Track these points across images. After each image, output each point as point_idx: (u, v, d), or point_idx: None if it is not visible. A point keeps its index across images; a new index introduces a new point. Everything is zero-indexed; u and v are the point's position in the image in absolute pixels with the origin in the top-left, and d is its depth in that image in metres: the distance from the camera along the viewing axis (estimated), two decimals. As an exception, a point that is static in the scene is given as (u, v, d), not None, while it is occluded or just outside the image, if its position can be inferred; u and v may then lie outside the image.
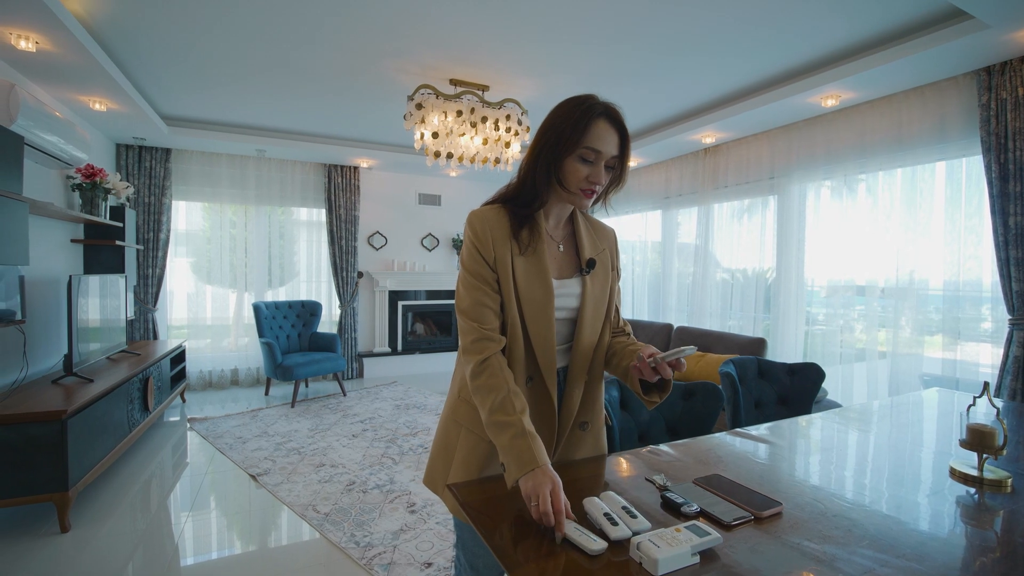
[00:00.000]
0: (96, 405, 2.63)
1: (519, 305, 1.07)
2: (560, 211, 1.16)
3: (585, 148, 1.03)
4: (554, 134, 1.04)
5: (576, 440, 1.19)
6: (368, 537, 2.33)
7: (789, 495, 1.06)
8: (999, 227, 2.69)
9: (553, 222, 1.16)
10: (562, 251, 1.16)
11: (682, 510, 0.96)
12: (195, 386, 5.13)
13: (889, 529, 0.93)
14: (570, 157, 1.04)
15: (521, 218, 1.09)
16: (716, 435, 1.45)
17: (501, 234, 1.07)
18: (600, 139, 1.03)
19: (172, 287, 5.14)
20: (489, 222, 1.08)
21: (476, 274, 1.07)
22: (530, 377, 1.11)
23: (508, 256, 1.06)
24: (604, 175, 1.07)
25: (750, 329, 4.40)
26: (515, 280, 1.06)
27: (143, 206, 4.70)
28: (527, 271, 1.07)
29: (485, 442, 1.09)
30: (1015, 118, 2.62)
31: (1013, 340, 2.65)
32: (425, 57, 3.10)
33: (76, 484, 2.38)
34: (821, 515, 0.98)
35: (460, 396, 1.17)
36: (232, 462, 3.24)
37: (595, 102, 1.04)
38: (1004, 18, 2.23)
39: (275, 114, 4.22)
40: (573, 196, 1.08)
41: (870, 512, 1.00)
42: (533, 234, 1.09)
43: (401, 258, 6.07)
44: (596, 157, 1.04)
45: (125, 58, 3.09)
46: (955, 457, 1.29)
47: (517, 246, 1.07)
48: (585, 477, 1.14)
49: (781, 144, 4.03)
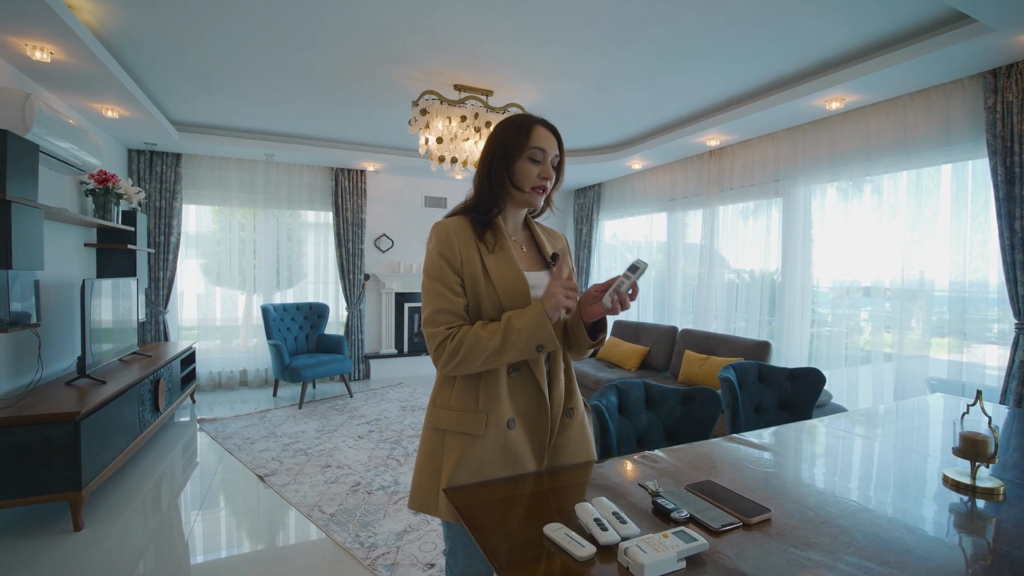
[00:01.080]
0: (108, 406, 2.69)
1: (498, 297, 1.13)
2: (516, 216, 1.26)
3: (532, 148, 1.16)
4: (500, 145, 1.17)
5: (564, 428, 1.22)
6: (372, 538, 2.37)
7: (780, 501, 1.08)
8: (1005, 231, 2.67)
9: (512, 227, 1.26)
10: (525, 251, 1.26)
11: (672, 516, 0.98)
12: (205, 387, 5.21)
13: (876, 536, 0.94)
14: (520, 160, 1.16)
15: (483, 223, 1.18)
16: (712, 441, 1.47)
17: (466, 238, 1.15)
18: (543, 140, 1.17)
19: (182, 289, 5.23)
20: (453, 228, 1.16)
21: (438, 278, 1.13)
22: (515, 367, 1.15)
23: (476, 256, 1.14)
24: (552, 172, 1.18)
25: (755, 331, 4.39)
26: (489, 275, 1.13)
27: (154, 210, 4.79)
28: (499, 265, 1.15)
29: (476, 439, 1.11)
30: (1021, 121, 2.60)
31: (1019, 344, 2.63)
32: (429, 62, 3.14)
33: (89, 484, 2.44)
34: (809, 522, 1.00)
35: (436, 403, 1.19)
36: (240, 462, 3.30)
37: (530, 115, 1.20)
38: (1007, 21, 2.22)
39: (283, 119, 4.29)
40: (527, 196, 1.18)
41: (859, 519, 1.01)
42: (497, 235, 1.19)
43: (407, 260, 6.12)
44: (543, 156, 1.16)
45: (136, 66, 3.17)
46: (951, 465, 1.29)
47: (484, 247, 1.16)
48: (577, 483, 1.16)
49: (786, 146, 4.02)
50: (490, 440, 1.12)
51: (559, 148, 1.20)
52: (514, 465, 1.14)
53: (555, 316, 1.06)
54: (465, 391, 1.15)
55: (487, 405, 1.12)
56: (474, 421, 1.12)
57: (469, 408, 1.13)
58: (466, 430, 1.12)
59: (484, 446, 1.11)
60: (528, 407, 1.16)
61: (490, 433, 1.12)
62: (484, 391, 1.13)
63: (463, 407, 1.14)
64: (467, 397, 1.14)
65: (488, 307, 1.14)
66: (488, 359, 1.07)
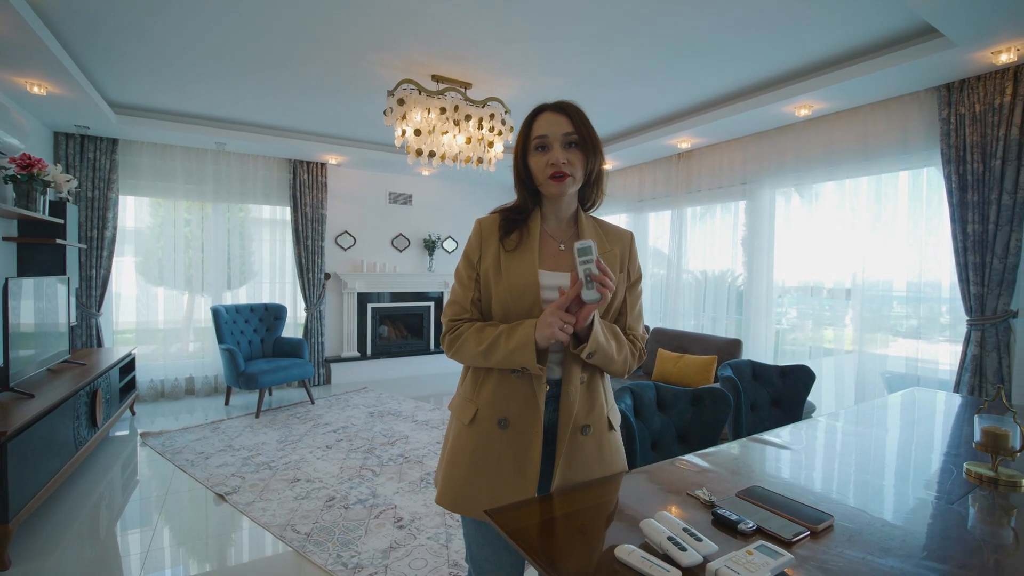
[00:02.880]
0: (39, 424, 2.34)
1: (506, 296, 1.12)
2: (557, 211, 1.19)
3: (535, 139, 1.12)
4: (517, 145, 1.17)
5: (577, 447, 1.12)
6: (356, 557, 2.20)
7: (830, 505, 1.06)
8: (958, 234, 2.87)
9: (553, 224, 1.20)
10: (563, 249, 1.18)
11: (739, 528, 0.93)
12: (145, 397, 4.73)
13: (940, 536, 0.93)
14: (530, 155, 1.14)
15: (512, 222, 1.17)
16: (737, 442, 1.44)
17: (492, 236, 1.17)
18: (544, 126, 1.11)
19: (118, 289, 4.72)
20: (484, 225, 1.19)
21: (458, 271, 1.20)
22: (517, 369, 1.10)
23: (495, 255, 1.15)
24: (563, 154, 1.10)
25: (723, 330, 4.52)
26: (501, 274, 1.13)
27: (86, 201, 4.29)
28: (512, 263, 1.14)
29: (465, 428, 1.15)
30: (973, 132, 2.81)
31: (971, 339, 2.84)
32: (411, 51, 2.98)
33: (18, 515, 2.11)
34: (869, 525, 0.97)
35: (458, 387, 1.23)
36: (195, 480, 2.99)
37: (540, 104, 1.15)
38: (972, 38, 2.37)
39: (238, 105, 3.95)
40: (546, 187, 1.13)
41: (914, 519, 1.00)
42: (523, 235, 1.16)
43: (371, 259, 5.85)
44: (546, 142, 1.11)
45: (70, 36, 2.78)
46: (969, 458, 1.33)
47: (505, 245, 1.15)
48: (614, 498, 1.09)
49: (752, 151, 4.17)
50: (478, 433, 1.13)
51: (575, 125, 1.10)
52: (499, 465, 1.10)
53: (545, 344, 1.03)
54: (471, 380, 1.18)
55: (480, 398, 1.15)
56: (466, 409, 1.16)
57: (468, 396, 1.17)
58: (460, 416, 1.18)
59: (472, 438, 1.13)
60: (523, 412, 1.10)
61: (479, 426, 1.13)
62: (483, 384, 1.15)
63: (464, 394, 1.19)
64: (470, 386, 1.18)
65: (496, 306, 1.14)
66: (475, 360, 1.12)
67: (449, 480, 1.16)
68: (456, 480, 1.14)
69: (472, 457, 1.13)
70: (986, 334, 2.76)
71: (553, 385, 1.12)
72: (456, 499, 1.13)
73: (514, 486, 1.07)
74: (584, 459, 1.12)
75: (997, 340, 2.73)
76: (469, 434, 1.14)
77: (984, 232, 2.76)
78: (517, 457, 1.08)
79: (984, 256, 2.76)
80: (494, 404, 1.12)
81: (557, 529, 0.93)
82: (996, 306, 2.73)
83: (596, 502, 1.05)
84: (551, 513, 0.93)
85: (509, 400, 1.11)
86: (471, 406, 1.15)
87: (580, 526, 0.96)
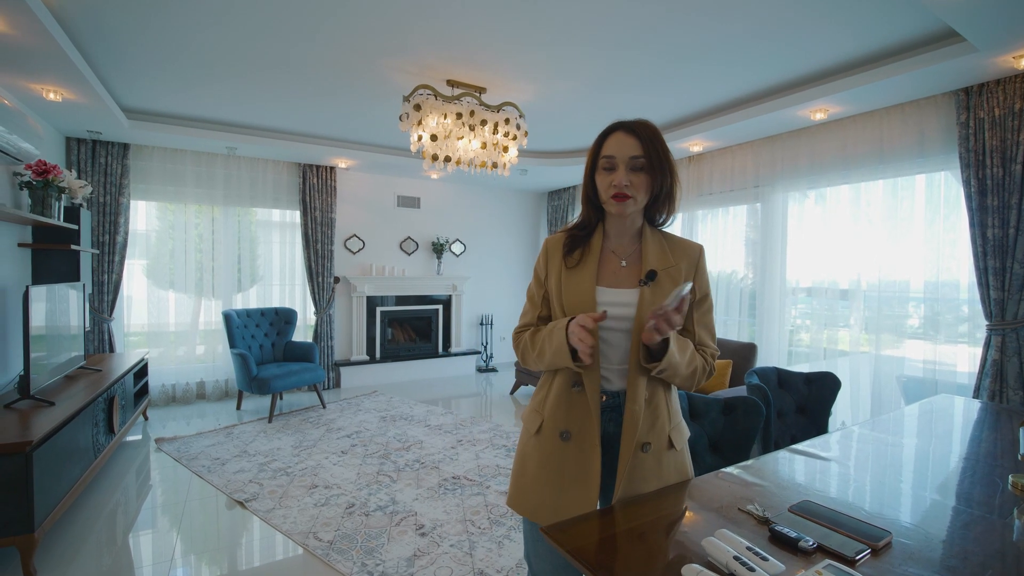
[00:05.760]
0: (61, 432, 2.34)
1: (563, 314, 1.16)
2: (620, 228, 1.20)
3: (603, 158, 1.15)
4: (587, 163, 1.19)
5: (638, 463, 1.12)
6: (381, 566, 2.19)
7: (885, 521, 1.05)
8: (978, 238, 2.86)
9: (615, 240, 1.22)
10: (625, 266, 1.19)
11: (799, 546, 0.92)
12: (157, 401, 4.73)
13: (994, 552, 0.92)
14: (597, 174, 1.16)
15: (576, 239, 1.21)
16: (776, 454, 1.44)
17: (556, 253, 1.22)
18: (612, 147, 1.13)
19: (130, 294, 4.72)
20: (551, 243, 1.24)
21: (529, 291, 1.28)
22: (577, 383, 1.15)
23: (559, 272, 1.19)
24: (626, 176, 1.11)
25: (736, 333, 4.51)
26: (562, 290, 1.17)
27: (98, 206, 4.28)
28: (570, 281, 1.17)
29: (531, 438, 1.21)
30: (992, 136, 2.80)
31: (991, 344, 2.83)
32: (425, 56, 2.97)
33: (43, 523, 2.10)
34: (927, 541, 0.97)
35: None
36: (213, 487, 2.99)
37: (615, 122, 1.16)
38: (994, 43, 2.36)
39: (249, 110, 3.95)
40: (609, 205, 1.15)
41: (969, 536, 1.00)
42: (585, 252, 1.19)
43: (379, 262, 5.85)
44: (613, 163, 1.13)
45: (84, 41, 2.77)
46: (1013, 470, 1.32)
47: (567, 262, 1.19)
48: (667, 514, 1.08)
49: (765, 154, 4.16)
50: (543, 444, 1.18)
51: (644, 148, 1.11)
52: (562, 476, 1.13)
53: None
54: (538, 392, 1.25)
55: (545, 410, 1.19)
56: (533, 420, 1.22)
57: (536, 408, 1.23)
58: (528, 426, 1.23)
59: (538, 448, 1.18)
60: (583, 426, 1.13)
61: (544, 437, 1.18)
62: (547, 397, 1.20)
63: (533, 405, 1.24)
64: (539, 397, 1.23)
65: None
66: (537, 364, 1.18)
67: (518, 487, 1.22)
68: (523, 487, 1.20)
69: (538, 466, 1.18)
70: (1007, 339, 2.76)
71: (611, 396, 1.15)
72: (522, 504, 1.20)
73: (576, 497, 1.11)
74: (643, 475, 1.12)
75: (1018, 345, 2.73)
76: (536, 444, 1.19)
77: (1004, 237, 2.75)
78: (579, 469, 1.12)
79: (1004, 261, 2.76)
80: (556, 417, 1.17)
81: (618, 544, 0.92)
82: (1017, 311, 2.72)
83: (655, 515, 1.04)
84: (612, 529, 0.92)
85: (569, 413, 1.15)
86: (537, 417, 1.20)
87: (636, 542, 0.95)
